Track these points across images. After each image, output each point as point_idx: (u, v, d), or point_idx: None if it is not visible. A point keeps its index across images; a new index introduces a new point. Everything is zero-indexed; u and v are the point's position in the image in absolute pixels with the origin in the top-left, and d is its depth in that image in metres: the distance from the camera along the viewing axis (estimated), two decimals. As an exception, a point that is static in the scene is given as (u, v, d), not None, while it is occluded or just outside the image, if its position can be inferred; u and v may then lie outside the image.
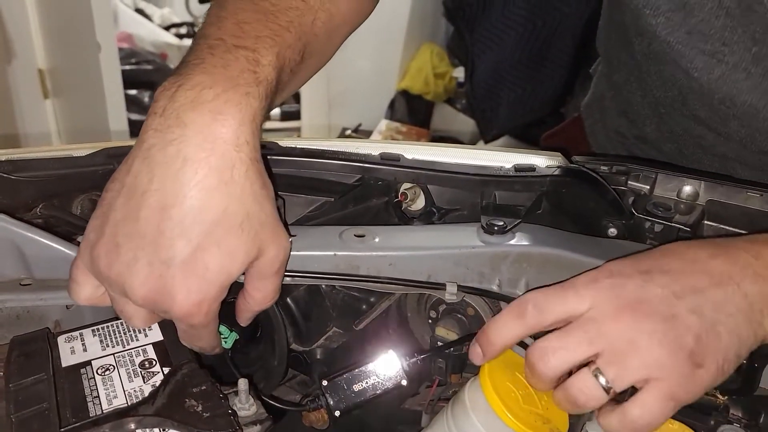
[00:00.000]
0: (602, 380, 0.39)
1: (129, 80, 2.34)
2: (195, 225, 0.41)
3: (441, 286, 0.52)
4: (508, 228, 0.52)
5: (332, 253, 0.51)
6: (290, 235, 0.51)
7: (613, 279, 0.41)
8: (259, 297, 0.46)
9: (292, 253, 0.50)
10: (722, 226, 0.55)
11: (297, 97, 2.63)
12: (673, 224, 0.53)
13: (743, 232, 0.54)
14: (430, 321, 0.58)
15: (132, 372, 0.44)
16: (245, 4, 0.49)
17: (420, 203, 0.61)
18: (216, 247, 0.41)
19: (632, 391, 0.40)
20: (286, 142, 0.60)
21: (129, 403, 0.41)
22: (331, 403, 0.47)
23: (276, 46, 0.47)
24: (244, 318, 0.49)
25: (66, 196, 0.56)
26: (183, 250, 0.41)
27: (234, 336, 0.50)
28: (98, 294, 0.46)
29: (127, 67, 2.48)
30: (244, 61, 0.44)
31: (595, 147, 0.86)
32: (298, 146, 0.59)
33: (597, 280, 0.41)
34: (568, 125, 0.94)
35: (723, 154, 0.67)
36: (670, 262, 0.42)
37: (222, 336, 0.50)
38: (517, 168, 0.58)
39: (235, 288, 0.46)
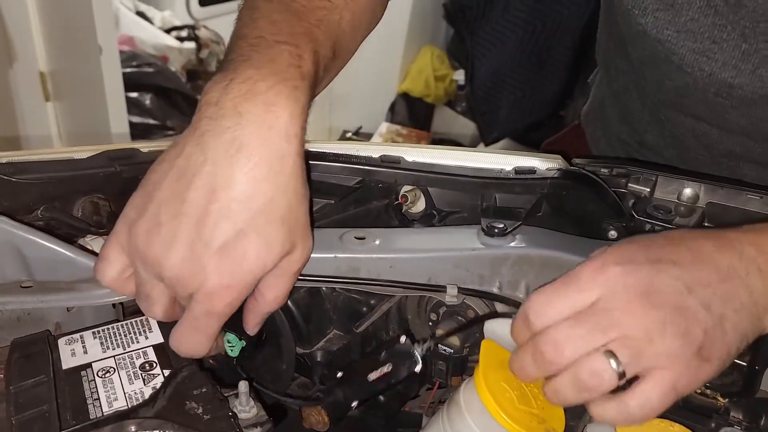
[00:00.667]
0: (614, 364, 0.38)
1: (130, 83, 2.34)
2: (242, 211, 0.41)
3: (441, 289, 0.52)
4: (509, 230, 0.52)
5: (333, 255, 0.51)
6: None
7: (623, 267, 0.40)
8: (270, 297, 0.46)
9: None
10: (722, 229, 0.55)
11: (298, 100, 2.63)
12: (673, 227, 0.53)
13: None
14: (430, 323, 0.58)
15: (132, 374, 0.44)
16: (276, 6, 0.50)
17: (420, 205, 0.61)
18: (256, 235, 0.42)
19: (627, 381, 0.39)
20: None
21: (129, 406, 0.41)
22: (348, 394, 0.47)
23: (311, 43, 0.48)
24: (253, 322, 0.48)
25: (67, 199, 0.56)
26: (226, 233, 0.41)
27: (241, 344, 0.50)
28: (124, 277, 0.46)
29: (128, 70, 2.48)
30: (287, 56, 0.45)
31: (597, 154, 0.86)
32: (298, 149, 0.59)
33: (605, 269, 0.40)
34: (567, 133, 0.95)
35: (729, 151, 0.67)
36: (679, 252, 0.41)
37: (230, 344, 0.49)
38: (518, 170, 0.58)
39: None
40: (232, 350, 0.50)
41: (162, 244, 0.42)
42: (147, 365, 0.45)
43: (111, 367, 0.45)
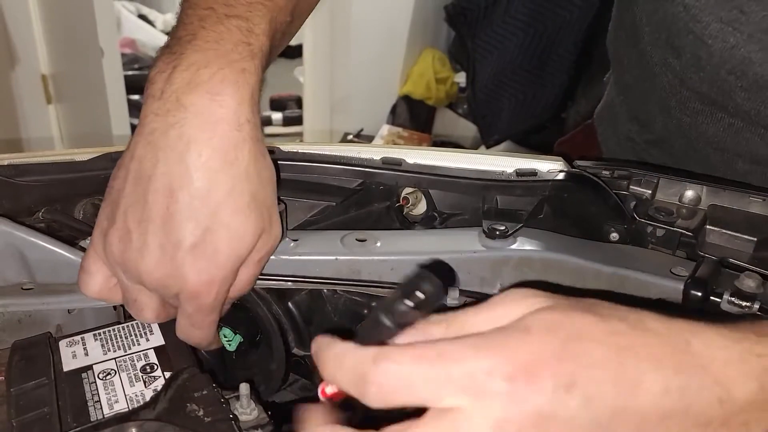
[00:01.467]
0: None
1: (132, 85, 2.34)
2: (203, 207, 0.41)
3: (442, 291, 0.52)
4: (510, 232, 0.52)
5: (334, 257, 0.51)
6: (292, 240, 0.51)
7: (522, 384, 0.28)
8: (236, 284, 0.45)
9: (293, 257, 0.50)
10: (724, 231, 0.55)
11: (299, 102, 2.64)
12: (675, 229, 0.53)
13: (746, 236, 0.54)
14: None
15: (133, 376, 0.44)
16: None
17: (421, 208, 0.61)
18: (225, 230, 0.41)
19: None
20: (288, 147, 0.60)
21: (130, 408, 0.41)
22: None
23: (269, 12, 0.45)
24: None
25: (68, 201, 0.56)
26: (193, 233, 0.41)
27: (238, 338, 0.51)
28: (109, 286, 0.46)
29: (130, 73, 2.49)
30: (236, 32, 0.43)
31: (607, 154, 0.85)
32: (300, 151, 0.59)
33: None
34: (579, 132, 0.94)
35: (725, 147, 0.66)
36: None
37: (226, 339, 0.50)
38: (519, 172, 0.58)
39: None
40: (229, 345, 0.50)
41: (135, 251, 0.42)
42: (148, 367, 0.45)
43: (112, 369, 0.44)
